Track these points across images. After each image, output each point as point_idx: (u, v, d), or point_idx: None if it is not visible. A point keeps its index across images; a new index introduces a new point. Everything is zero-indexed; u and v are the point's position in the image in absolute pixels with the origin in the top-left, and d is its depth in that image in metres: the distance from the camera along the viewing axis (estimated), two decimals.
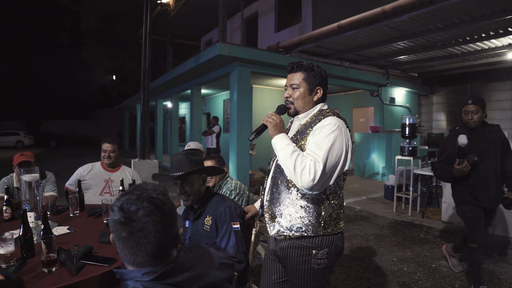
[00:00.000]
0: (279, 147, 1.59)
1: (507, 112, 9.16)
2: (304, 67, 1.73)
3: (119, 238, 0.91)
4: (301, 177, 1.48)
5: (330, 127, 1.59)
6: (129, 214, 0.90)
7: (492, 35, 6.17)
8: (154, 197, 0.93)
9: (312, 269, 1.64)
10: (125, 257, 0.95)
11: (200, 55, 7.37)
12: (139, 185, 0.97)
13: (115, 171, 3.41)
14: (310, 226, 1.61)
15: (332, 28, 6.35)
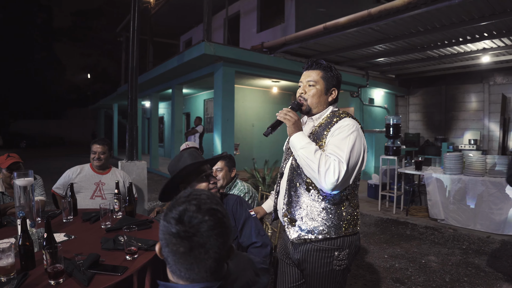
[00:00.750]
0: (300, 145, 1.57)
1: (479, 113, 9.58)
2: (323, 66, 1.72)
3: (176, 253, 0.82)
4: (325, 177, 1.47)
5: (349, 128, 1.59)
6: (190, 228, 0.81)
7: (469, 40, 6.42)
8: (215, 209, 0.85)
9: (333, 270, 1.63)
10: (177, 272, 0.86)
11: (184, 54, 7.26)
12: (192, 193, 0.88)
13: (105, 173, 3.30)
14: (333, 228, 1.60)
15: (318, 30, 6.40)
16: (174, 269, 0.85)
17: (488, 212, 4.67)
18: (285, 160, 1.83)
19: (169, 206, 0.87)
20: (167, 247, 0.83)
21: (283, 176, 1.80)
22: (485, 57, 7.54)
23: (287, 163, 1.79)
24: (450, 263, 3.73)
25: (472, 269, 3.54)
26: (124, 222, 2.41)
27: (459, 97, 10.05)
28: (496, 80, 9.30)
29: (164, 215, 0.85)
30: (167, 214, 0.84)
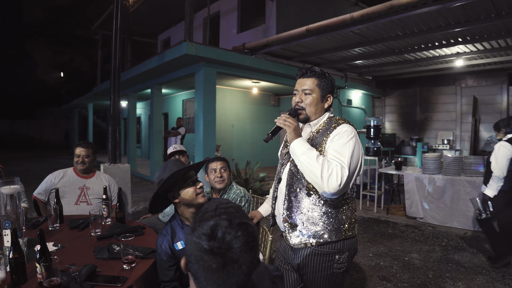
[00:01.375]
0: (301, 151, 1.58)
1: (452, 114, 9.97)
2: (318, 74, 1.74)
3: (208, 270, 0.79)
4: (328, 182, 1.49)
5: (348, 134, 1.62)
6: (224, 245, 0.78)
7: (444, 44, 6.67)
8: (246, 223, 0.83)
9: (334, 274, 1.65)
10: (198, 282, 0.83)
11: (165, 53, 7.13)
12: (219, 206, 0.85)
13: (90, 178, 3.18)
14: (334, 232, 1.63)
15: (301, 32, 6.46)
16: (204, 285, 0.82)
17: (464, 210, 4.87)
18: (282, 165, 1.84)
19: (195, 220, 0.84)
20: (197, 263, 0.80)
21: (280, 181, 1.81)
22: (458, 61, 7.86)
23: (284, 168, 1.80)
24: (432, 259, 3.86)
25: (453, 265, 3.68)
26: (115, 229, 2.35)
27: (433, 98, 10.42)
28: (468, 83, 9.72)
29: (191, 230, 0.83)
30: (195, 229, 0.81)
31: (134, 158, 11.01)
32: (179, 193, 1.82)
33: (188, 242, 0.83)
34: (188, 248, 0.83)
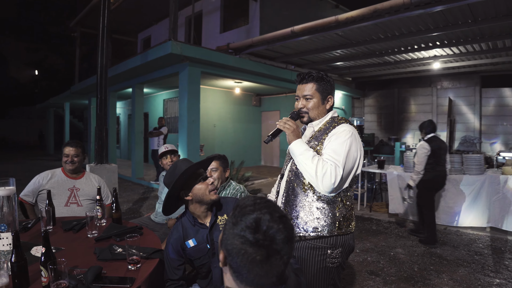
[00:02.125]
0: (298, 152, 1.66)
1: (428, 115, 10.34)
2: (315, 78, 1.80)
3: (252, 262, 0.82)
4: (323, 181, 1.57)
5: (345, 134, 1.69)
6: (268, 237, 0.82)
7: (423, 47, 6.93)
8: (286, 216, 0.87)
9: (326, 267, 1.71)
10: (247, 279, 0.85)
11: (148, 52, 7.04)
12: (256, 201, 0.89)
13: (79, 178, 3.10)
14: (326, 227, 1.69)
15: (286, 33, 6.54)
16: (245, 277, 0.85)
17: (444, 206, 5.08)
18: (286, 163, 1.92)
19: (235, 215, 0.87)
20: (240, 256, 0.83)
21: (283, 177, 1.88)
22: (435, 63, 8.17)
23: (287, 166, 1.87)
24: (416, 254, 4.02)
25: (436, 258, 3.84)
26: (113, 230, 2.32)
27: (410, 99, 10.77)
28: (443, 85, 10.11)
29: (232, 224, 0.86)
30: (237, 223, 0.85)
31: (114, 158, 10.77)
32: (191, 190, 1.83)
33: (229, 237, 0.86)
34: (229, 242, 0.85)
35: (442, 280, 3.28)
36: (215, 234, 1.89)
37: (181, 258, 1.90)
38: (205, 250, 1.88)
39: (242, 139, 12.09)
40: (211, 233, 1.89)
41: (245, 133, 12.27)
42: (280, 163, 12.23)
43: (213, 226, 1.90)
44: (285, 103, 12.03)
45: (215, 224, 1.90)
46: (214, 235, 1.89)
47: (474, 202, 4.80)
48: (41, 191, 2.95)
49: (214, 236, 1.89)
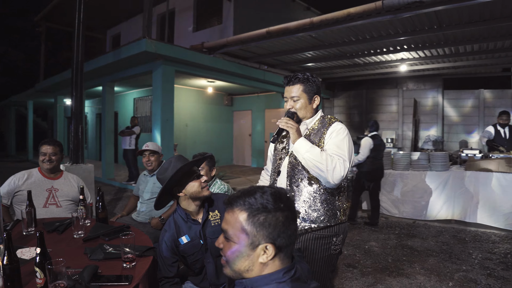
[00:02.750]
0: (304, 149, 1.75)
1: (394, 115, 10.82)
2: (301, 79, 1.89)
3: (288, 225, 0.98)
4: (333, 174, 1.68)
5: (343, 131, 1.84)
6: (288, 200, 1.02)
7: (391, 50, 7.26)
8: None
9: (330, 255, 1.84)
10: (286, 244, 0.99)
11: (121, 50, 6.88)
12: (252, 187, 1.05)
13: (57, 178, 3.00)
14: (332, 217, 1.81)
15: (261, 33, 6.62)
16: (291, 244, 1.01)
17: (412, 201, 5.37)
18: (280, 160, 1.99)
19: (257, 203, 0.98)
20: (279, 227, 0.97)
21: (280, 173, 1.96)
22: (402, 66, 8.58)
23: (283, 162, 1.95)
24: (389, 246, 4.23)
25: (407, 250, 4.07)
26: (99, 229, 2.28)
27: (377, 100, 11.21)
28: (409, 86, 10.62)
29: (262, 206, 0.98)
30: (268, 203, 0.98)
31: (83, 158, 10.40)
32: (184, 187, 1.86)
33: (271, 223, 0.98)
34: (272, 229, 0.98)
35: (415, 269, 3.49)
36: (207, 230, 1.93)
37: (175, 256, 1.92)
38: (198, 246, 1.91)
39: (214, 138, 12.06)
40: (204, 229, 1.92)
41: (217, 133, 12.25)
42: (252, 163, 12.32)
43: (205, 222, 1.93)
44: (257, 103, 12.13)
45: (207, 220, 1.94)
46: (207, 230, 1.93)
47: (440, 196, 5.12)
48: (17, 193, 2.84)
49: (206, 231, 1.93)
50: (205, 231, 1.92)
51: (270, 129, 12.02)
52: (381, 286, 3.14)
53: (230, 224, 1.01)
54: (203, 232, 1.91)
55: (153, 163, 3.34)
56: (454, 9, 4.68)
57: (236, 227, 0.99)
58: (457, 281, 3.20)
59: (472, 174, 4.88)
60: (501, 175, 4.65)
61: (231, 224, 1.01)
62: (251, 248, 0.97)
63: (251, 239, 0.97)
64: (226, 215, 1.04)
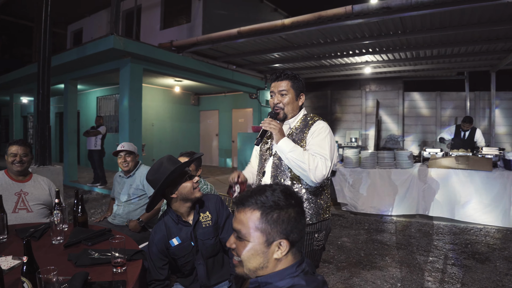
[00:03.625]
0: (288, 149, 1.77)
1: (358, 115, 11.24)
2: (290, 76, 1.95)
3: (299, 221, 1.03)
4: (315, 173, 1.72)
5: (325, 130, 1.88)
6: (297, 196, 1.07)
7: (357, 53, 7.55)
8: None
9: (313, 250, 1.91)
10: (298, 239, 1.03)
11: (86, 46, 6.59)
12: (259, 186, 1.10)
13: (26, 181, 2.84)
14: (314, 215, 1.87)
15: (232, 33, 6.62)
16: (297, 239, 1.04)
17: (379, 197, 5.62)
18: (265, 160, 2.02)
19: (269, 203, 1.01)
20: (291, 222, 1.01)
21: (265, 174, 1.99)
22: (366, 68, 8.94)
23: (267, 163, 1.99)
24: (360, 241, 4.41)
25: (378, 244, 4.27)
26: (80, 234, 2.20)
27: (342, 101, 11.58)
28: (371, 88, 11.07)
29: (275, 204, 1.01)
30: (280, 201, 1.02)
31: None
32: (176, 189, 1.83)
33: (285, 219, 1.02)
34: (286, 225, 1.01)
35: (386, 262, 3.67)
36: (198, 231, 1.91)
37: (166, 258, 1.90)
38: (189, 248, 1.90)
39: (180, 138, 11.89)
40: (195, 231, 1.91)
41: (184, 132, 12.09)
42: (220, 162, 12.28)
43: (196, 224, 1.92)
44: (224, 103, 12.10)
45: (198, 221, 1.93)
46: (198, 232, 1.91)
47: (405, 192, 5.41)
48: None
49: (197, 233, 1.91)
50: (196, 233, 1.91)
51: (238, 129, 12.03)
52: (356, 280, 3.27)
53: (243, 223, 1.03)
54: (194, 234, 1.90)
55: (130, 164, 3.26)
56: (418, 16, 4.97)
57: (250, 226, 1.01)
58: (426, 271, 3.41)
59: (434, 171, 5.21)
60: (460, 172, 5.00)
61: (244, 224, 1.02)
62: (266, 245, 1.00)
63: (265, 236, 1.00)
64: (238, 215, 1.06)
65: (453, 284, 3.12)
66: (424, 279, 3.24)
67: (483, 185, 4.88)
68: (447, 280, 3.20)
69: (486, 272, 3.36)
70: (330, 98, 11.83)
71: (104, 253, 1.89)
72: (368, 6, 4.99)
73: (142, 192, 3.23)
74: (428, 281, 3.19)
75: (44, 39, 3.81)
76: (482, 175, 4.89)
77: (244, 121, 12.11)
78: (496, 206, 4.77)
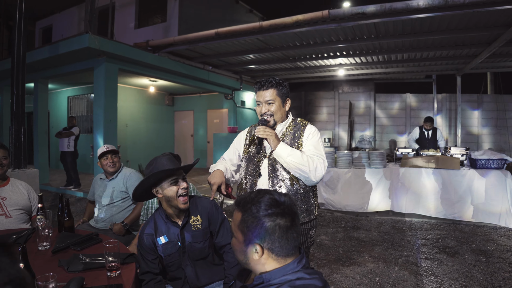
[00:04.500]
0: (286, 153, 1.87)
1: (331, 116, 11.53)
2: (275, 84, 2.02)
3: (285, 230, 1.07)
4: (315, 174, 1.85)
5: (316, 133, 2.03)
6: (287, 205, 1.10)
7: (331, 56, 7.77)
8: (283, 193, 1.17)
9: (307, 246, 2.05)
10: (286, 249, 1.08)
11: (59, 44, 6.39)
12: (255, 190, 1.17)
13: (4, 186, 2.76)
14: (308, 213, 2.00)
15: (209, 34, 6.64)
16: (285, 247, 1.08)
17: (354, 196, 5.82)
18: (258, 162, 2.06)
19: (252, 209, 1.08)
20: (274, 233, 1.06)
21: (261, 175, 2.04)
22: (340, 70, 9.20)
23: (262, 164, 2.04)
24: (338, 239, 4.57)
25: (355, 241, 4.44)
26: (67, 239, 2.17)
27: (315, 102, 11.84)
28: (344, 89, 11.40)
29: (253, 217, 1.07)
30: (258, 210, 1.07)
31: None
32: (162, 189, 1.84)
33: (259, 225, 1.07)
34: (260, 230, 1.06)
35: (364, 258, 3.83)
36: (187, 234, 1.92)
37: (154, 253, 1.91)
38: (175, 248, 1.91)
39: (155, 139, 11.71)
40: (182, 232, 1.92)
41: (158, 133, 11.92)
42: None
43: (185, 225, 1.92)
44: (199, 103, 12.05)
45: (187, 223, 1.93)
46: (187, 234, 1.92)
47: (379, 191, 5.64)
48: None
49: (186, 235, 1.93)
50: (183, 234, 1.92)
51: (213, 129, 12.00)
52: (337, 276, 3.40)
53: (234, 221, 1.16)
54: (182, 235, 1.91)
55: (117, 164, 3.23)
56: (390, 22, 5.21)
57: (236, 225, 1.14)
58: (401, 265, 3.60)
59: (406, 170, 5.47)
60: (430, 170, 5.29)
61: (234, 222, 1.16)
62: (245, 245, 1.10)
63: (244, 237, 1.10)
64: (234, 213, 1.18)
65: (427, 276, 3.32)
66: (400, 272, 3.42)
67: (451, 183, 5.18)
68: (422, 273, 3.40)
69: (456, 264, 3.60)
70: (304, 99, 12.06)
71: (95, 258, 1.88)
72: (344, 11, 5.17)
73: (125, 195, 3.20)
74: (404, 274, 3.38)
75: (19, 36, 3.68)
76: (450, 173, 5.19)
77: (220, 122, 12.10)
78: (464, 202, 5.09)
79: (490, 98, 10.43)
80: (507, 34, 5.55)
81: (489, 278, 3.26)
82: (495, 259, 3.71)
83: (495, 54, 7.25)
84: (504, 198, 4.88)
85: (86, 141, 9.30)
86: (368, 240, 4.49)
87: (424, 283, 3.19)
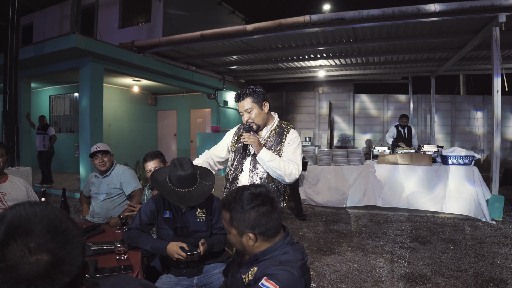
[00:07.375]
0: (267, 158, 2.16)
1: (312, 115, 11.87)
2: (248, 93, 2.27)
3: (268, 214, 1.32)
4: (290, 177, 2.17)
5: (297, 139, 2.32)
6: (265, 194, 1.35)
7: (312, 58, 8.08)
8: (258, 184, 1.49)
9: None
10: (272, 231, 1.33)
11: (45, 44, 6.41)
12: (233, 190, 1.43)
13: (3, 182, 2.86)
14: (281, 201, 2.32)
15: (195, 36, 6.79)
16: (270, 229, 1.33)
17: (334, 192, 6.14)
18: (243, 159, 2.32)
19: (236, 206, 1.33)
20: (261, 217, 1.31)
21: (243, 171, 2.32)
22: (320, 71, 9.54)
23: (245, 162, 2.32)
24: (319, 231, 4.86)
25: (335, 233, 4.74)
26: None
27: (296, 102, 12.14)
28: (324, 90, 11.77)
29: (239, 209, 1.33)
30: (243, 206, 1.33)
31: None
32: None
33: (247, 218, 1.32)
34: (249, 221, 1.32)
35: (344, 248, 4.13)
36: (190, 220, 2.12)
37: (152, 221, 2.16)
38: (174, 225, 2.13)
39: (138, 138, 11.74)
40: (184, 216, 2.12)
41: (141, 132, 11.95)
42: None
43: (190, 211, 2.13)
44: (182, 103, 12.14)
45: (192, 210, 2.13)
46: (190, 220, 2.12)
47: (357, 186, 5.97)
48: None
49: (189, 220, 2.12)
50: (185, 217, 2.12)
51: (196, 129, 12.11)
52: (319, 264, 3.68)
53: (224, 220, 1.43)
54: (184, 218, 2.11)
55: (107, 164, 3.36)
56: (368, 27, 5.54)
57: (227, 223, 1.39)
58: (378, 253, 3.91)
59: (382, 166, 5.83)
60: (405, 167, 5.67)
61: (224, 221, 1.42)
62: (239, 236, 1.36)
63: (236, 230, 1.36)
64: (222, 213, 1.44)
65: (401, 263, 3.65)
66: (376, 260, 3.73)
67: (424, 178, 5.58)
68: (396, 260, 3.72)
69: (427, 251, 3.95)
70: (285, 99, 12.33)
71: (102, 245, 2.08)
72: (324, 17, 5.47)
73: (120, 191, 3.36)
74: (380, 261, 3.69)
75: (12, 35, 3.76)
76: (423, 169, 5.59)
77: (203, 121, 12.23)
78: (435, 195, 5.49)
79: (463, 99, 11.05)
80: (476, 40, 6.00)
81: (456, 262, 3.61)
82: (462, 247, 4.09)
83: (466, 57, 7.76)
84: (472, 192, 5.30)
85: (69, 141, 9.26)
86: (347, 232, 4.80)
87: (398, 268, 3.51)
